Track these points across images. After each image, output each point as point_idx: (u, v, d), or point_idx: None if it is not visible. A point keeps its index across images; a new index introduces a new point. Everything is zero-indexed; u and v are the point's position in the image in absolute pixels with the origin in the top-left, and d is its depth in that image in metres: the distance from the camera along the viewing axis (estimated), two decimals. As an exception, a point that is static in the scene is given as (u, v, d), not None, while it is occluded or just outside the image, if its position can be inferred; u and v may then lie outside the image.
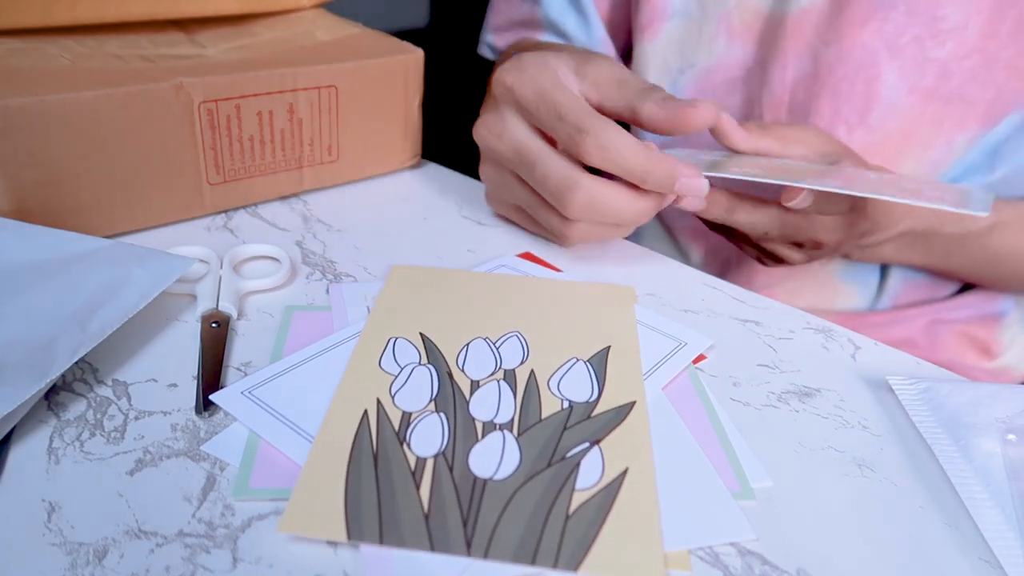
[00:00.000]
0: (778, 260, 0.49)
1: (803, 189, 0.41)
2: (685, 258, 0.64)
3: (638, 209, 0.41)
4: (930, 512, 0.31)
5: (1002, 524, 0.29)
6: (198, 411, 0.32)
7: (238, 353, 0.36)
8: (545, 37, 0.65)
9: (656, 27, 0.58)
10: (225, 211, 0.48)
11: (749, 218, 0.45)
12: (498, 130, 0.43)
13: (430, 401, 0.33)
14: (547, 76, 0.41)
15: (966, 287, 0.61)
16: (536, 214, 0.44)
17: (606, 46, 0.63)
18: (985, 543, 0.29)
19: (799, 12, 0.53)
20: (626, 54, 0.65)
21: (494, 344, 0.37)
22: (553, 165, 0.41)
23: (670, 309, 0.42)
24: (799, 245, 0.48)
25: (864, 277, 0.59)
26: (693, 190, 0.40)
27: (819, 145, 0.45)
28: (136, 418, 0.32)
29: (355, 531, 0.27)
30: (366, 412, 0.32)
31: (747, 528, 0.29)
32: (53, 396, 0.32)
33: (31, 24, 0.46)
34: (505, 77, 0.42)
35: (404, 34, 0.57)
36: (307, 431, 0.31)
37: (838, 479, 0.32)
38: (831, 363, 0.39)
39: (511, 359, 0.36)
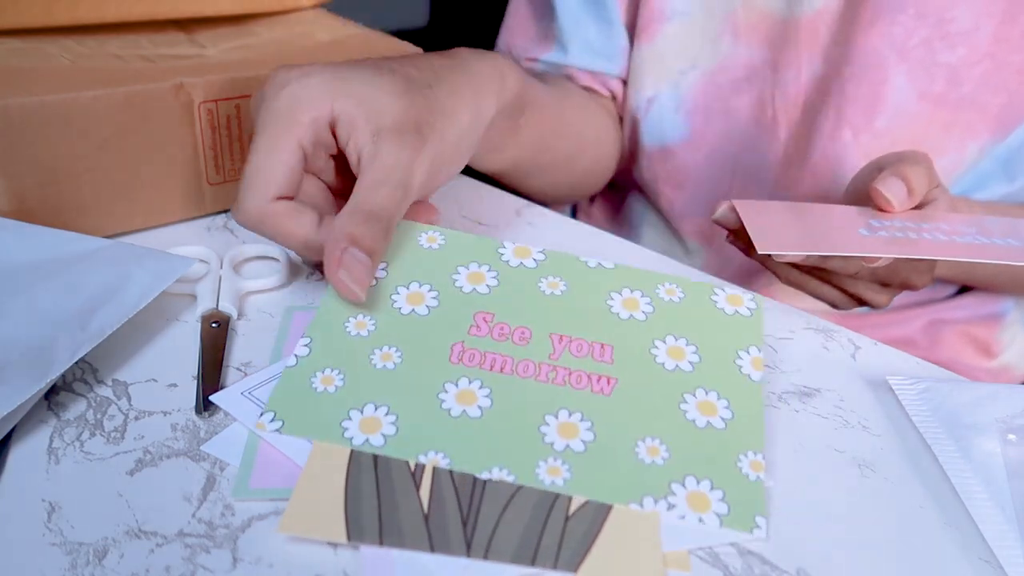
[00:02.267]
0: (860, 302, 0.45)
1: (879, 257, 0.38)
2: (690, 258, 0.64)
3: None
4: (930, 512, 0.31)
5: (1002, 524, 0.29)
6: (198, 411, 0.32)
7: (238, 353, 0.36)
8: (556, 53, 0.62)
9: (653, 29, 0.58)
10: (225, 211, 0.48)
11: (843, 261, 0.40)
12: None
13: None
14: (280, 104, 0.35)
15: (966, 287, 0.61)
16: None
17: (625, 55, 0.62)
18: (985, 543, 0.29)
19: (813, 14, 0.52)
20: None
21: None
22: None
23: (670, 309, 0.42)
24: (885, 285, 0.44)
25: None
26: (343, 291, 0.33)
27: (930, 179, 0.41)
28: (136, 418, 0.32)
29: (355, 532, 0.27)
30: None
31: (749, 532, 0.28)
32: (53, 396, 0.32)
33: (31, 24, 0.46)
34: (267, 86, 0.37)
35: (404, 34, 0.57)
36: (307, 431, 0.31)
37: (838, 479, 0.32)
38: (831, 363, 0.39)
39: None
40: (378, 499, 0.28)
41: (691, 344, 0.35)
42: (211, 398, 0.32)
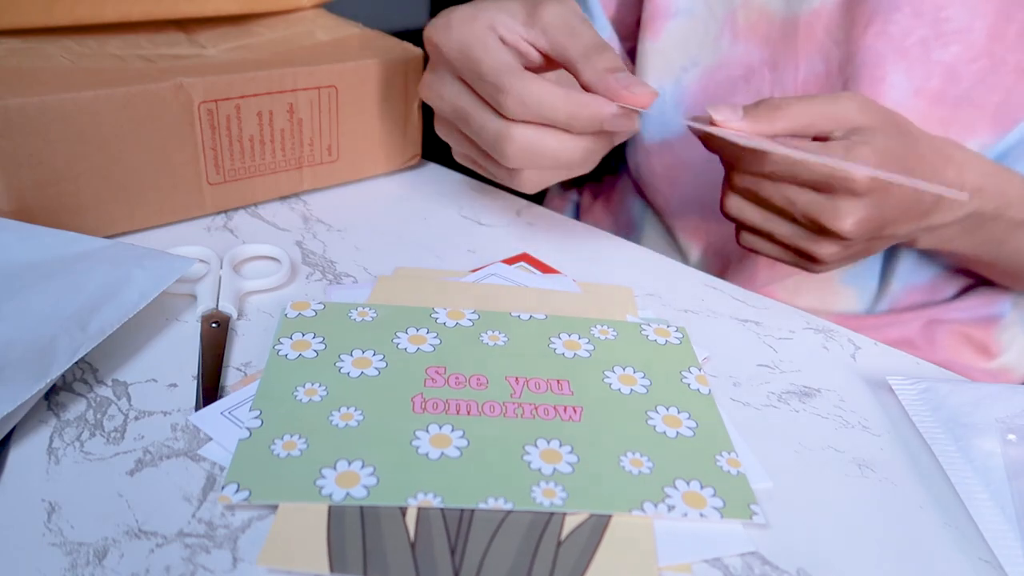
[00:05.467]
0: (811, 260, 0.43)
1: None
2: (684, 256, 0.64)
3: (578, 148, 0.40)
4: (930, 512, 0.31)
5: (1002, 524, 0.29)
6: (198, 411, 0.32)
7: (238, 353, 0.36)
8: None
9: (658, 25, 0.58)
10: (225, 211, 0.48)
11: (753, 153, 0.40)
12: (437, 89, 0.43)
13: None
14: (472, 32, 0.40)
15: (964, 290, 0.61)
16: (484, 166, 0.45)
17: (613, 45, 0.63)
18: (985, 543, 0.29)
19: (810, 14, 0.53)
20: (632, 54, 0.65)
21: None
22: (484, 119, 0.41)
23: (670, 309, 0.42)
24: (825, 234, 0.42)
25: (864, 280, 0.59)
26: (621, 126, 0.39)
27: (855, 118, 0.41)
28: (136, 418, 0.32)
29: (338, 563, 0.26)
30: None
31: (745, 541, 0.28)
32: (53, 396, 0.32)
33: (31, 24, 0.46)
34: (432, 35, 0.42)
35: (404, 34, 0.57)
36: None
37: (838, 479, 0.32)
38: (831, 363, 0.39)
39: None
40: (362, 528, 0.27)
41: (638, 371, 0.36)
42: (191, 419, 0.32)
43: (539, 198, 0.61)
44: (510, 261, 0.45)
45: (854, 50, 0.52)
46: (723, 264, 0.62)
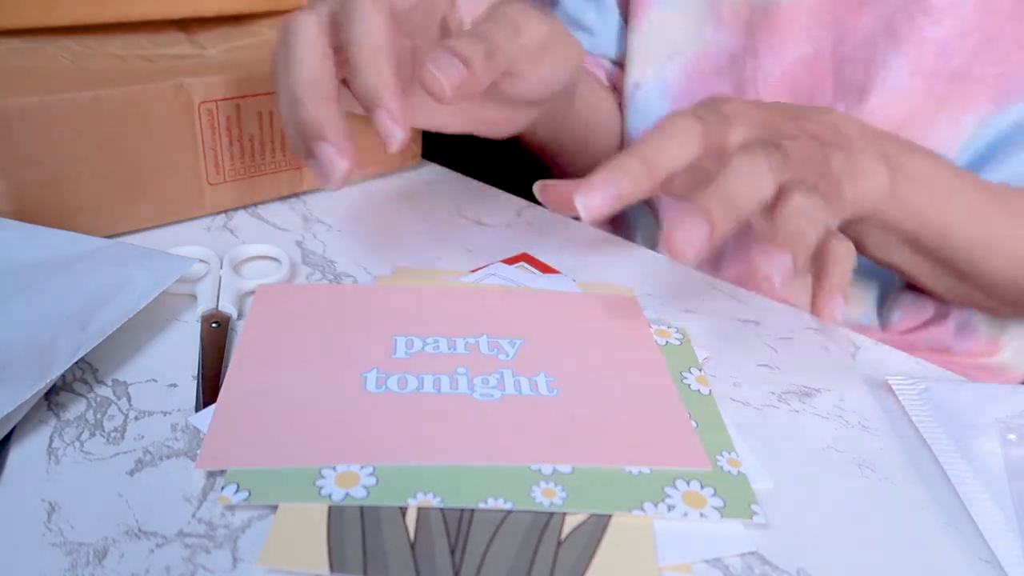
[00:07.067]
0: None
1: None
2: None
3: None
4: (930, 512, 0.31)
5: (1002, 524, 0.29)
6: (198, 411, 0.32)
7: (238, 353, 0.36)
8: None
9: (642, 13, 0.59)
10: (225, 211, 0.48)
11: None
12: None
13: None
14: None
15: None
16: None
17: (622, 33, 0.63)
18: (985, 543, 0.29)
19: None
20: None
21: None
22: None
23: (670, 309, 0.42)
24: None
25: (868, 287, 0.59)
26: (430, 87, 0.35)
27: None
28: (136, 418, 0.32)
29: (338, 563, 0.26)
30: None
31: (745, 541, 0.28)
32: (53, 396, 0.32)
33: (31, 24, 0.46)
34: None
35: (404, 34, 0.57)
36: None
37: (838, 479, 0.32)
38: (831, 363, 0.39)
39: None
40: (362, 528, 0.27)
41: None
42: (191, 419, 0.31)
43: (539, 199, 0.61)
44: (510, 261, 0.45)
45: (846, 31, 0.52)
46: (719, 256, 0.62)
